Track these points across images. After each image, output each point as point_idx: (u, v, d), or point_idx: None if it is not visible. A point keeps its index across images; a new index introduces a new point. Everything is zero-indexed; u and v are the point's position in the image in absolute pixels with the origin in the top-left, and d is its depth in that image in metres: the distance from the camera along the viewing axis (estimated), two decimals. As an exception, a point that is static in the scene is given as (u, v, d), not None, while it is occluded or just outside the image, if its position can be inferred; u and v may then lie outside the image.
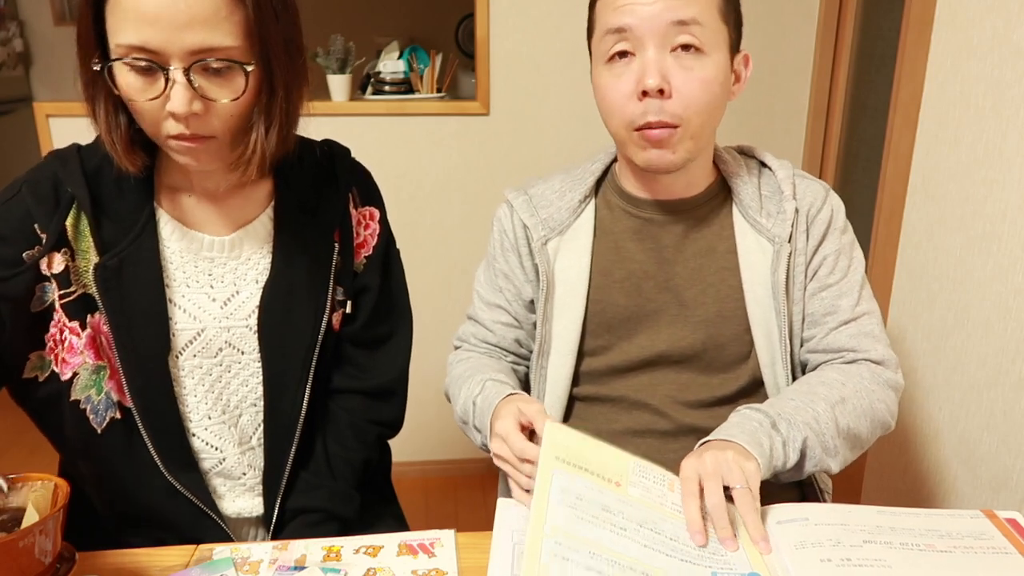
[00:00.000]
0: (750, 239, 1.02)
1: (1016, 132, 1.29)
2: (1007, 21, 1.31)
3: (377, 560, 0.83)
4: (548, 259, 1.05)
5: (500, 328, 1.12)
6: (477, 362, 1.10)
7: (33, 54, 3.72)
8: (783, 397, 0.96)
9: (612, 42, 0.93)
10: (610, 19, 0.93)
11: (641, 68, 0.91)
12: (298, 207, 1.00)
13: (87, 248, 0.92)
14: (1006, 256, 1.31)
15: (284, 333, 0.98)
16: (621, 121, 0.95)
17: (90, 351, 0.93)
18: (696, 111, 0.93)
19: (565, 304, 1.05)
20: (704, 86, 0.92)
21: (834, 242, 1.03)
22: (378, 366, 1.08)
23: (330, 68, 2.21)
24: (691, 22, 0.90)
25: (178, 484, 0.97)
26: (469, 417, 1.02)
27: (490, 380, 1.01)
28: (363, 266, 1.06)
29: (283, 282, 0.98)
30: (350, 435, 1.06)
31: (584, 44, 1.05)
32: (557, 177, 1.11)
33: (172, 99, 0.82)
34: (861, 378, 0.98)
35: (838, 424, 0.92)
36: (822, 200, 1.03)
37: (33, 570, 0.67)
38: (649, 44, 0.91)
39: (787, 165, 1.06)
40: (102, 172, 0.94)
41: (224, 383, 0.99)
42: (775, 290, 1.01)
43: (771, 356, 1.03)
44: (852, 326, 1.01)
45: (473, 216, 2.27)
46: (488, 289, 1.14)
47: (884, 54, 1.95)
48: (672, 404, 1.04)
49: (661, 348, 1.04)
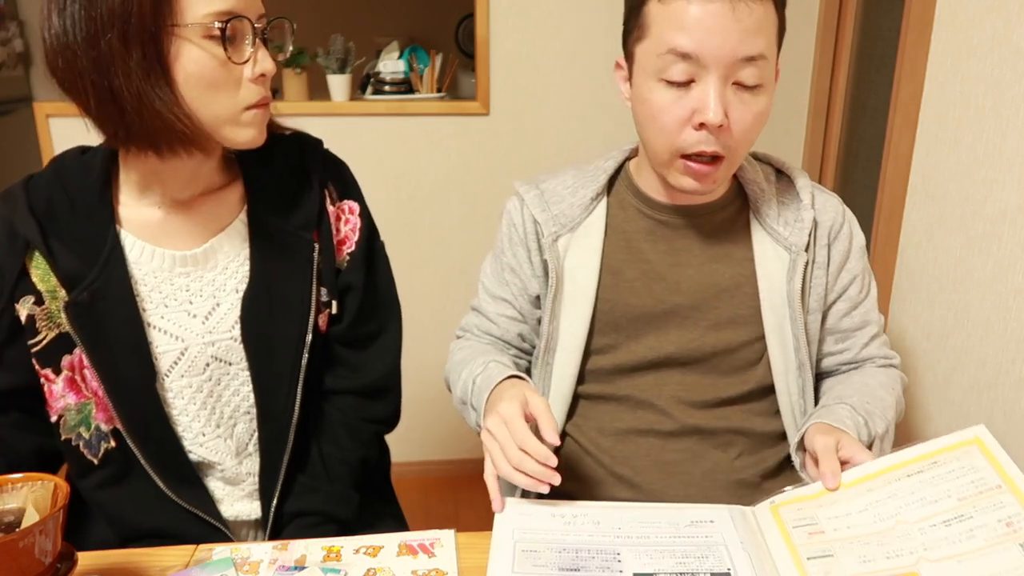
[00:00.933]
0: (767, 246, 1.02)
1: (1016, 132, 1.29)
2: (1007, 21, 1.30)
3: (377, 560, 0.83)
4: (558, 256, 1.04)
5: (504, 321, 1.12)
6: (480, 347, 1.11)
7: (33, 54, 3.72)
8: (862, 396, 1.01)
9: (672, 63, 0.89)
10: (675, 38, 0.88)
11: (702, 99, 0.89)
12: (272, 209, 0.97)
13: (54, 287, 0.89)
14: (1006, 256, 1.31)
15: (270, 340, 0.96)
16: (668, 144, 0.93)
17: (71, 392, 0.92)
18: (745, 144, 0.94)
19: (573, 302, 1.05)
20: (757, 120, 0.92)
21: (858, 261, 1.06)
22: (368, 364, 1.06)
23: (330, 68, 2.21)
24: (759, 57, 0.88)
25: (180, 500, 0.96)
26: (468, 396, 1.02)
27: (493, 361, 1.01)
28: (346, 263, 1.03)
29: (263, 289, 0.96)
30: (344, 435, 1.05)
31: (585, 44, 1.04)
32: (569, 173, 1.10)
33: (262, 60, 0.86)
34: (896, 381, 1.08)
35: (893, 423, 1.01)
36: (842, 217, 1.05)
37: (33, 570, 0.67)
38: (714, 75, 0.88)
39: (805, 174, 1.07)
40: (54, 203, 0.90)
41: (216, 397, 0.98)
42: (791, 298, 1.01)
43: (784, 363, 1.03)
44: (878, 338, 1.09)
45: (472, 216, 2.27)
46: (494, 282, 1.13)
47: (884, 54, 1.95)
48: (677, 404, 1.04)
49: (669, 350, 1.03)
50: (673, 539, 0.82)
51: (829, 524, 0.81)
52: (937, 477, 0.81)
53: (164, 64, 0.81)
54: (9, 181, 0.92)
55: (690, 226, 1.04)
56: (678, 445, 1.03)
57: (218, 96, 0.84)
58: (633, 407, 1.05)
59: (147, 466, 0.95)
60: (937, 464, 0.82)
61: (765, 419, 1.06)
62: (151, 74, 0.81)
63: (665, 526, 0.84)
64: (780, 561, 0.78)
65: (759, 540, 0.82)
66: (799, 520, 0.82)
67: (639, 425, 1.05)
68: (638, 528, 0.84)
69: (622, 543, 0.81)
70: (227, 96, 0.85)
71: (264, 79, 0.87)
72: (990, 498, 0.77)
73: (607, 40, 2.13)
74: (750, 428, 1.04)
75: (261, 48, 0.86)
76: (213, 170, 0.96)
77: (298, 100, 2.22)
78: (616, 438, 1.04)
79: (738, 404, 1.05)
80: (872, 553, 0.77)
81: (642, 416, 1.05)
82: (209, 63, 0.82)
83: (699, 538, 0.82)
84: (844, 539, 0.79)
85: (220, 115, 0.86)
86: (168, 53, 0.81)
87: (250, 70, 0.86)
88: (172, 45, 0.81)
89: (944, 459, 0.82)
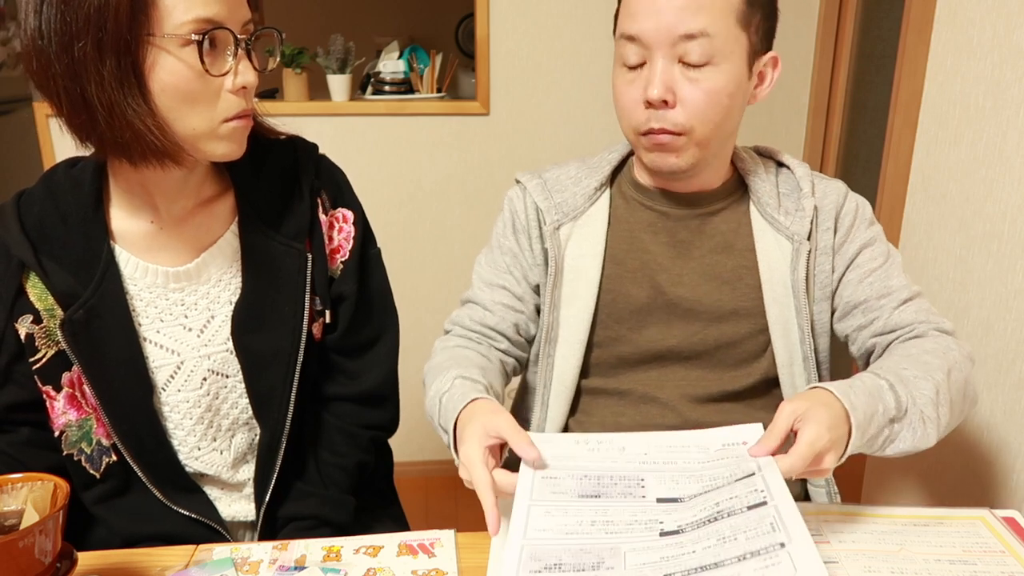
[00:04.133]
0: (768, 236, 1.02)
1: (1016, 132, 1.29)
2: (1007, 21, 1.30)
3: (377, 560, 0.83)
4: (559, 244, 1.04)
5: (500, 309, 1.08)
6: (457, 353, 1.03)
7: (33, 54, 3.72)
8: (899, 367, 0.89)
9: (625, 47, 0.94)
10: (624, 24, 0.94)
11: (647, 78, 0.92)
12: (263, 220, 0.96)
13: (51, 305, 0.89)
14: (1006, 256, 1.31)
15: (263, 351, 0.96)
16: (629, 125, 0.97)
17: (72, 409, 0.92)
18: (701, 120, 0.93)
19: (575, 292, 1.04)
20: (710, 97, 0.92)
21: (865, 231, 1.03)
22: (365, 372, 1.05)
23: (330, 68, 2.21)
24: (699, 34, 0.89)
25: (180, 509, 0.97)
26: (435, 414, 0.96)
27: (459, 378, 0.94)
28: (339, 272, 1.01)
29: (255, 300, 0.95)
30: (341, 441, 1.04)
31: (585, 44, 1.05)
32: (572, 164, 1.10)
33: (243, 72, 0.82)
34: (949, 350, 0.93)
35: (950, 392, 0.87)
36: (843, 196, 1.03)
37: (33, 570, 0.67)
38: (657, 54, 0.91)
39: (805, 165, 1.06)
40: (46, 221, 0.89)
41: (214, 411, 0.97)
42: (795, 288, 1.00)
43: (789, 355, 1.02)
44: (914, 303, 1.00)
45: (472, 216, 2.27)
46: (490, 270, 1.10)
47: (884, 54, 1.95)
48: (681, 399, 1.04)
49: (672, 343, 1.03)
50: (702, 464, 0.79)
51: (835, 537, 0.82)
52: (943, 532, 0.84)
53: (139, 74, 0.78)
54: (9, 180, 0.92)
55: (691, 217, 1.03)
56: None
57: (195, 108, 0.81)
58: (636, 402, 1.05)
59: (145, 479, 0.95)
60: (943, 524, 0.85)
61: (769, 413, 1.04)
62: (125, 84, 0.77)
63: (694, 451, 0.82)
64: None
65: None
66: None
67: (643, 420, 1.04)
68: (665, 453, 0.81)
69: (648, 469, 0.79)
70: (205, 108, 0.82)
71: (245, 91, 0.84)
72: (994, 556, 0.79)
73: (607, 40, 2.12)
74: None
75: (243, 59, 0.82)
76: (203, 180, 0.95)
77: (298, 100, 2.22)
78: None
79: (743, 399, 1.04)
80: (878, 566, 0.78)
81: (645, 411, 1.05)
82: (186, 74, 0.79)
83: (730, 459, 0.78)
84: (850, 551, 0.79)
85: (197, 127, 0.83)
86: (144, 63, 0.78)
87: (231, 82, 0.82)
88: (148, 55, 0.77)
89: (950, 522, 0.86)
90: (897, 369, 0.88)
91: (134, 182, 0.90)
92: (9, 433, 0.94)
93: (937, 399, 0.85)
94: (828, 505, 0.92)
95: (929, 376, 0.87)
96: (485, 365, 1.02)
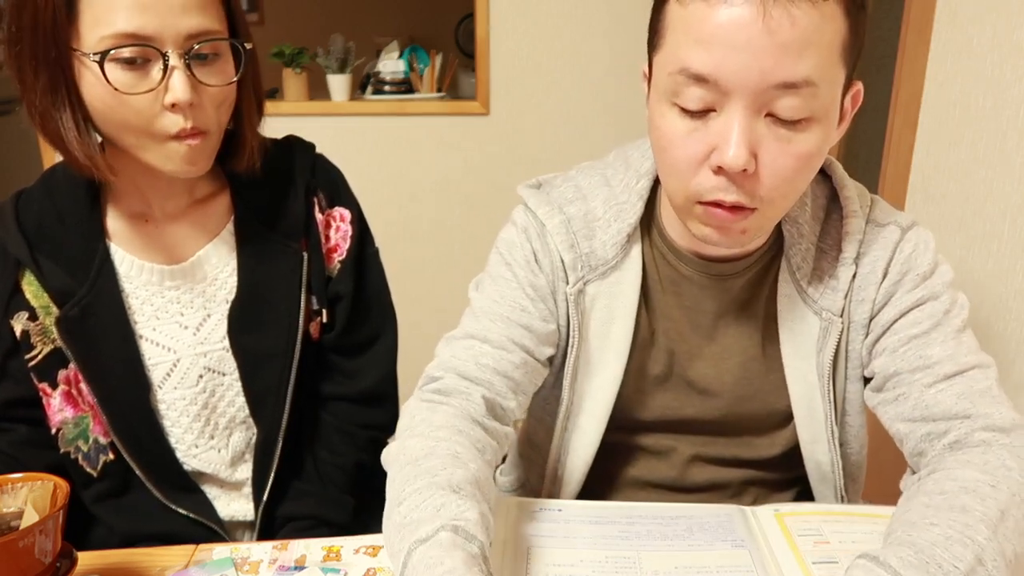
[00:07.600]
0: (795, 307, 0.85)
1: (1016, 132, 1.29)
2: (1007, 21, 1.31)
3: (377, 560, 0.83)
4: (584, 310, 0.86)
5: (516, 351, 0.85)
6: (445, 462, 0.72)
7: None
8: (924, 523, 0.66)
9: (685, 85, 0.69)
10: (689, 55, 0.68)
11: (722, 135, 0.68)
12: (258, 218, 0.96)
13: (47, 303, 0.89)
14: (1006, 256, 1.31)
15: (259, 350, 0.96)
16: (681, 187, 0.74)
17: (68, 406, 0.92)
18: (782, 193, 0.72)
19: (601, 361, 0.88)
20: (800, 163, 0.70)
21: (912, 291, 0.83)
22: (363, 371, 1.05)
23: (330, 68, 2.22)
24: (803, 84, 0.66)
25: (179, 508, 0.97)
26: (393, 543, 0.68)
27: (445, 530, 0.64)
28: (336, 271, 1.01)
29: (251, 299, 0.95)
30: (339, 440, 1.04)
31: (585, 44, 1.02)
32: (598, 192, 0.87)
33: (173, 88, 0.77)
34: (1009, 471, 0.70)
35: (1004, 552, 0.63)
36: (892, 250, 0.83)
37: (33, 570, 0.67)
38: (737, 105, 0.67)
39: (860, 214, 0.84)
40: (44, 219, 0.89)
41: (211, 408, 0.97)
42: (820, 371, 0.85)
43: (812, 435, 0.89)
44: (959, 382, 0.78)
45: (472, 216, 2.28)
46: (504, 304, 0.87)
47: (884, 54, 1.95)
48: (694, 462, 0.96)
49: (689, 413, 0.92)
50: None
51: (835, 537, 0.82)
52: None
53: (70, 89, 0.77)
54: (9, 180, 0.93)
55: (715, 283, 0.86)
56: (690, 498, 0.97)
57: (128, 125, 0.79)
58: (647, 457, 0.97)
59: (144, 478, 0.95)
60: None
61: (787, 472, 0.96)
62: (56, 97, 0.77)
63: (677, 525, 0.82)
64: (784, 563, 0.78)
65: (759, 541, 0.81)
66: (804, 530, 0.82)
67: (650, 477, 0.97)
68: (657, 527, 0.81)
69: None
70: (139, 125, 0.79)
71: (180, 109, 0.78)
72: None
73: (607, 40, 2.13)
74: (772, 479, 0.97)
75: (176, 73, 0.77)
76: (198, 179, 0.95)
77: (298, 100, 2.22)
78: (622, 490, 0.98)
79: (762, 468, 0.95)
80: None
81: (654, 467, 0.97)
82: (105, 90, 0.76)
83: None
84: (851, 552, 0.79)
85: (135, 144, 0.81)
86: (76, 77, 0.76)
87: (163, 98, 0.78)
88: (76, 69, 0.76)
89: None
90: (924, 538, 0.64)
91: (128, 180, 0.90)
92: (8, 432, 0.94)
93: (975, 570, 0.61)
94: (828, 505, 0.92)
95: (968, 539, 0.63)
96: (481, 478, 0.73)
